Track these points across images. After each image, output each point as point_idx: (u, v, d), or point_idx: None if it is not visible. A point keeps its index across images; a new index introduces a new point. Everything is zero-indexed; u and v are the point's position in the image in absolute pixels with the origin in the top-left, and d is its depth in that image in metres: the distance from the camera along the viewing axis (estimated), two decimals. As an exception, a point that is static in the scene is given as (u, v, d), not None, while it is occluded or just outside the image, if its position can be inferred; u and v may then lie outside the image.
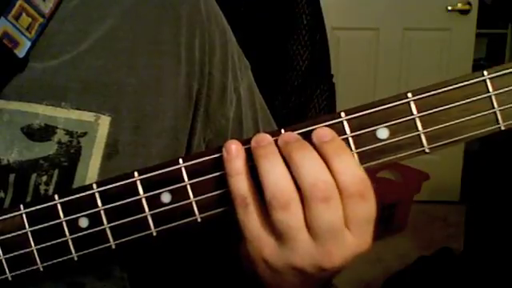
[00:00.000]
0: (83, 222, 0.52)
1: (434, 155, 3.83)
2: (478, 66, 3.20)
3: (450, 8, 3.20)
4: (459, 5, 3.21)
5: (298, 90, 1.86)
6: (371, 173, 0.48)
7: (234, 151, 0.50)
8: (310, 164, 0.47)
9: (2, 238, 0.52)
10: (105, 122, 0.62)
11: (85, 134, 0.61)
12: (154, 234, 0.51)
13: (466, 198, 3.04)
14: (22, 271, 0.53)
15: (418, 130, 0.48)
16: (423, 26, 3.25)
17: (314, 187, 0.47)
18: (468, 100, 0.48)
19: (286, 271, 0.51)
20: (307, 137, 0.49)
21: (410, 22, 3.25)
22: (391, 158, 0.49)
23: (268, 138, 0.49)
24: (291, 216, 0.48)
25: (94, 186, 0.52)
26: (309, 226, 0.48)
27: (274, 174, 0.48)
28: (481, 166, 3.52)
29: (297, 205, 0.48)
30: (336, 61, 2.65)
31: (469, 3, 3.20)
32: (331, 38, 2.21)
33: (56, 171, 0.60)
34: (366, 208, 0.48)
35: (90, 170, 0.61)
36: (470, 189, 3.21)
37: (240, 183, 0.49)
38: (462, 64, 3.21)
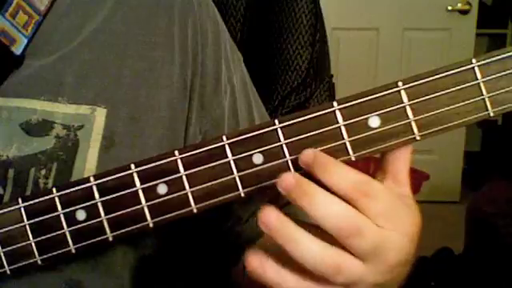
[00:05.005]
0: (81, 215, 0.52)
1: (433, 155, 3.78)
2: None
3: (449, 8, 3.21)
4: (459, 5, 3.21)
5: (298, 90, 1.86)
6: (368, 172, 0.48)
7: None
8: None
9: (0, 231, 0.53)
10: (101, 113, 0.63)
11: (81, 126, 0.62)
12: (151, 225, 0.52)
13: (466, 198, 3.03)
14: (21, 264, 0.53)
15: (409, 118, 0.49)
16: (423, 26, 3.26)
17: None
18: (457, 87, 0.48)
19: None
20: (304, 128, 0.49)
21: (410, 22, 3.25)
22: (383, 146, 0.49)
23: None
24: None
25: (92, 178, 0.52)
26: None
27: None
28: (481, 166, 3.52)
29: None
30: (336, 61, 2.65)
31: (469, 3, 3.20)
32: (331, 38, 2.20)
33: (54, 165, 0.61)
34: (379, 203, 0.47)
35: (88, 162, 0.62)
36: (470, 189, 3.21)
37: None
38: (462, 64, 3.21)
